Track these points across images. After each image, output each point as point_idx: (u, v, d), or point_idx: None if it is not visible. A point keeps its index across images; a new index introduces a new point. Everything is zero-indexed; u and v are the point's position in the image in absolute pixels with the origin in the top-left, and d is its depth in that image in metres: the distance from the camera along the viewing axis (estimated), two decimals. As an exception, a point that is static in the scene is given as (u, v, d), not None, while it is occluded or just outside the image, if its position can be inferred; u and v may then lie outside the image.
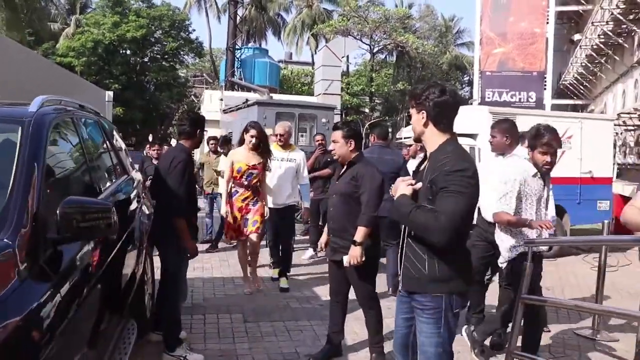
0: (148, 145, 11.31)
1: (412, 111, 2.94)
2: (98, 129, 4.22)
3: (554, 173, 9.51)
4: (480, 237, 5.01)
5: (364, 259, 4.16)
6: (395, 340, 3.20)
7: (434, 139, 2.89)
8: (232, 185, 6.37)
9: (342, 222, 4.41)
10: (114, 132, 5.06)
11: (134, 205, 4.42)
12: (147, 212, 5.06)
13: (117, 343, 3.52)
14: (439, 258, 2.78)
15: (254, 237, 6.34)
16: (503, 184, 4.29)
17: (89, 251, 2.77)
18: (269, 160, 6.44)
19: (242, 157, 6.25)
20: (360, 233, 4.16)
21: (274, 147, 6.78)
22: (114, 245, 3.32)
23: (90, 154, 3.54)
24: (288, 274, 7.02)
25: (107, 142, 4.41)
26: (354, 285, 4.49)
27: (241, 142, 6.34)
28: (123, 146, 5.40)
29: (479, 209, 4.89)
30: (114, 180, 4.10)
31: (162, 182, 4.44)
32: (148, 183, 7.71)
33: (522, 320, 4.19)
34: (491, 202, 4.46)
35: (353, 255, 4.11)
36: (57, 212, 2.24)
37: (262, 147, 6.27)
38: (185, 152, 4.61)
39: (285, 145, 6.99)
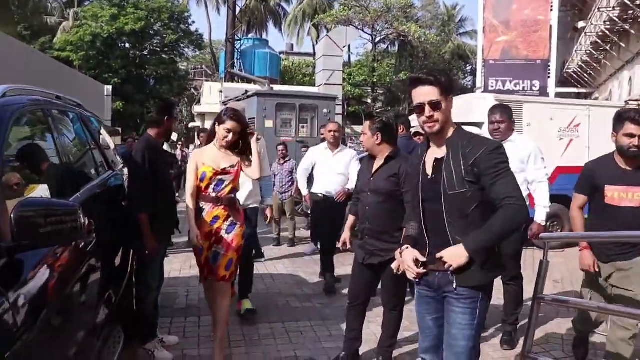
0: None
1: (444, 98, 2.71)
2: (78, 121, 3.92)
3: (562, 162, 9.27)
4: None
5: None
6: (425, 344, 2.95)
7: (451, 126, 2.79)
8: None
9: (382, 223, 4.06)
10: (99, 126, 4.76)
11: (118, 202, 4.12)
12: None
13: (101, 353, 3.25)
14: None
15: (223, 286, 4.32)
16: None
17: (61, 255, 2.48)
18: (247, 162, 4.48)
19: (209, 158, 4.30)
20: None
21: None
22: (94, 245, 3.04)
23: (64, 149, 3.23)
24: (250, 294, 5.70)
25: (89, 135, 4.10)
26: (387, 284, 4.18)
27: (210, 137, 4.44)
28: (110, 142, 5.11)
29: None
30: (95, 177, 3.80)
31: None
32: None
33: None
34: None
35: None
36: (12, 216, 1.95)
37: (241, 145, 4.39)
38: (145, 142, 4.29)
39: None
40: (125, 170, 4.99)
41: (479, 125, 9.30)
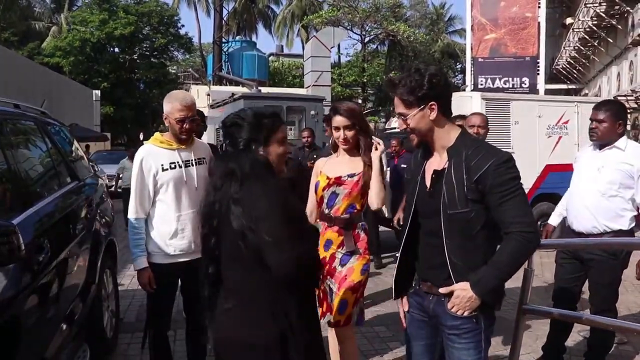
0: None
1: (411, 111, 2.42)
2: (38, 131, 3.76)
3: (551, 160, 9.13)
4: (567, 254, 4.13)
5: None
6: None
7: (447, 132, 2.42)
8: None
9: None
10: (65, 133, 4.59)
11: (82, 214, 3.96)
12: (108, 219, 4.64)
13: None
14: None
15: (340, 332, 3.45)
16: None
17: (6, 276, 2.32)
18: (383, 165, 3.60)
19: (328, 165, 3.52)
20: None
21: (164, 144, 3.39)
22: (48, 261, 2.87)
23: (17, 161, 3.05)
24: None
25: (50, 145, 3.92)
26: None
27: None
28: (78, 148, 4.94)
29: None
30: (55, 190, 3.63)
31: None
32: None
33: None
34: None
35: None
36: None
37: (363, 145, 3.42)
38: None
39: (189, 138, 3.46)
40: (97, 180, 4.84)
41: (465, 124, 9.19)
